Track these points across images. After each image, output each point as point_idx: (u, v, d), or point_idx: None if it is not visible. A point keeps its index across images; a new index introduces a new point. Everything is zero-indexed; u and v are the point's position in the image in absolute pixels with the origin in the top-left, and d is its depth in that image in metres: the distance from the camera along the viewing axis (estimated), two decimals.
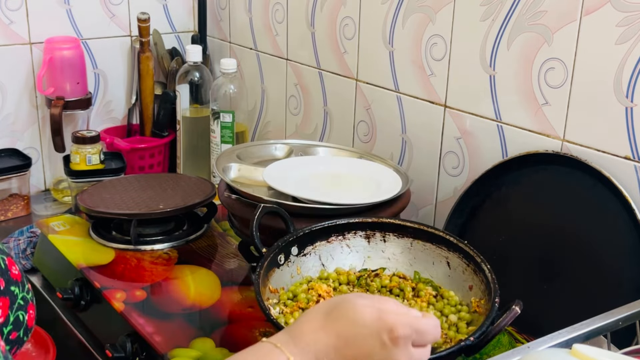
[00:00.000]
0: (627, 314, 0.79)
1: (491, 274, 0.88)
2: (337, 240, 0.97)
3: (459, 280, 0.94)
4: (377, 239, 0.99)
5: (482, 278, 0.90)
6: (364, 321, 0.67)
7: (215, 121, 1.49)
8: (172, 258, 1.18)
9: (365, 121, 1.36)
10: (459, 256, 0.94)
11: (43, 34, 1.55)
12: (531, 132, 1.07)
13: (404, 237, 0.98)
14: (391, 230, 0.99)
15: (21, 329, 0.68)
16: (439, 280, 0.96)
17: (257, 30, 1.59)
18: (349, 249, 0.98)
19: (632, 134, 0.95)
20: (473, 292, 0.91)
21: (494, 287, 0.86)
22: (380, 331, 0.66)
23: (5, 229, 1.42)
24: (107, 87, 1.68)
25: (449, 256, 0.95)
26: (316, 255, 0.97)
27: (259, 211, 0.95)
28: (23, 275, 0.70)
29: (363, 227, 0.98)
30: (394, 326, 0.66)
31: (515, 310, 0.77)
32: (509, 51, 1.07)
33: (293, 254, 0.94)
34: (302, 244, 0.95)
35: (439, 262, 0.96)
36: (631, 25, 0.92)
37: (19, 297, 0.67)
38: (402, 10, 1.23)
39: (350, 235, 0.98)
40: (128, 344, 0.99)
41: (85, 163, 1.44)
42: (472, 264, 0.92)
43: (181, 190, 1.29)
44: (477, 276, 0.91)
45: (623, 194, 0.94)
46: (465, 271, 0.93)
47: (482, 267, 0.90)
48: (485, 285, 0.89)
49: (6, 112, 1.56)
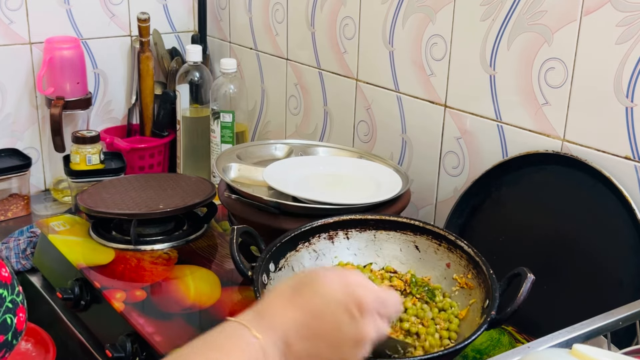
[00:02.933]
0: (627, 314, 0.79)
1: (471, 248, 0.90)
2: (304, 248, 0.96)
3: (432, 261, 0.96)
4: (341, 238, 0.99)
5: (461, 254, 0.91)
6: (332, 295, 0.66)
7: (215, 121, 1.49)
8: (172, 258, 1.18)
9: (365, 121, 1.36)
10: (428, 237, 0.96)
11: (43, 34, 1.55)
12: (531, 132, 1.07)
13: (366, 231, 0.99)
14: (353, 227, 0.99)
15: (9, 333, 0.66)
16: (410, 265, 0.97)
17: (257, 30, 1.59)
18: (316, 254, 0.97)
19: (632, 134, 0.95)
20: (453, 269, 0.93)
21: (480, 259, 0.88)
22: (349, 304, 0.66)
23: (5, 229, 1.42)
24: (107, 87, 1.68)
25: (416, 240, 0.96)
26: (289, 266, 0.95)
27: (234, 234, 0.93)
28: (14, 277, 0.68)
29: (325, 229, 0.98)
30: (362, 298, 0.67)
31: (529, 277, 0.79)
32: (509, 51, 1.07)
33: (272, 271, 0.93)
34: (276, 259, 0.93)
35: (407, 247, 0.97)
36: (631, 25, 0.92)
37: (7, 299, 0.66)
38: (402, 10, 1.23)
39: (315, 240, 0.97)
40: (128, 344, 0.99)
41: (85, 163, 1.44)
42: (444, 242, 0.94)
43: (181, 190, 1.29)
44: (454, 253, 0.93)
45: (623, 194, 0.94)
46: (437, 251, 0.95)
47: (458, 244, 0.92)
48: (466, 260, 0.91)
49: (6, 112, 1.56)
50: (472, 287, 0.90)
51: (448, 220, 1.14)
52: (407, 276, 0.95)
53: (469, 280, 0.90)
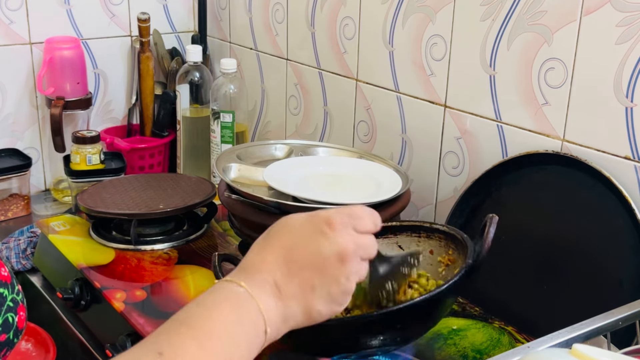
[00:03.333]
0: (627, 314, 0.79)
1: (445, 226, 0.92)
2: None
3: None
4: None
5: (439, 236, 0.92)
6: (300, 225, 0.69)
7: (215, 121, 1.49)
8: (172, 258, 1.18)
9: (365, 121, 1.36)
10: (408, 234, 0.96)
11: (43, 34, 1.55)
12: (531, 132, 1.07)
13: None
14: None
15: (11, 331, 0.67)
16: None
17: (257, 30, 1.59)
18: None
19: (632, 134, 0.95)
20: (436, 254, 0.93)
21: (453, 231, 0.89)
22: (318, 225, 0.68)
23: (5, 229, 1.42)
24: (107, 87, 1.68)
25: (398, 240, 0.96)
26: None
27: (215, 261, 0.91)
28: (13, 276, 0.69)
29: None
30: (328, 215, 0.68)
31: (492, 217, 0.81)
32: (509, 51, 1.08)
33: None
34: None
35: (391, 250, 0.96)
36: (631, 25, 0.92)
37: (8, 298, 0.66)
38: (402, 10, 1.23)
39: None
40: (128, 344, 0.99)
41: (85, 163, 1.44)
42: (422, 232, 0.94)
43: (181, 190, 1.29)
44: (433, 239, 0.93)
45: (623, 194, 0.94)
46: (419, 243, 0.95)
47: (433, 228, 0.93)
48: (444, 240, 0.92)
49: (6, 112, 1.56)
50: (454, 260, 0.90)
51: (448, 220, 1.14)
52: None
53: (451, 256, 0.91)
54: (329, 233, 0.67)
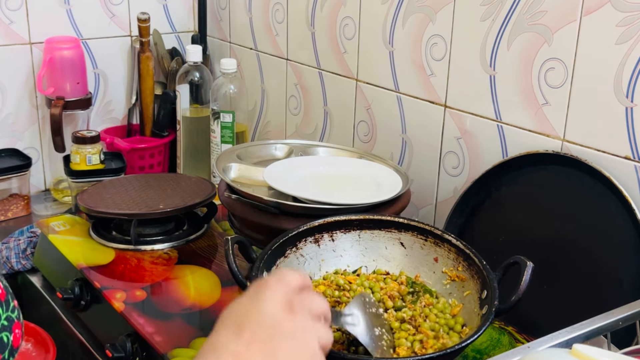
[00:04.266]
0: (627, 314, 0.79)
1: (459, 241, 0.91)
2: (292, 253, 0.96)
3: (419, 257, 0.96)
4: (326, 240, 0.98)
5: (449, 247, 0.92)
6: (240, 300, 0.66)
7: (215, 121, 1.49)
8: (172, 258, 1.18)
9: (365, 121, 1.36)
10: (413, 234, 0.96)
11: (43, 34, 1.55)
12: (531, 132, 1.07)
13: (351, 231, 0.99)
14: (337, 228, 0.99)
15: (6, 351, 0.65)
16: (397, 262, 0.97)
17: (257, 30, 1.59)
18: (303, 258, 0.97)
19: (632, 134, 0.95)
20: (441, 263, 0.93)
21: (470, 251, 0.89)
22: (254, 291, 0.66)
23: (5, 229, 1.42)
24: (107, 87, 1.68)
25: (401, 237, 0.97)
26: None
27: (229, 245, 0.91)
28: (9, 292, 0.66)
29: (311, 232, 0.97)
30: (262, 281, 0.66)
31: (529, 264, 0.80)
32: (509, 51, 1.07)
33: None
34: (268, 267, 0.92)
35: (392, 245, 0.97)
36: (631, 25, 0.92)
37: (2, 317, 0.64)
38: (402, 10, 1.23)
39: (302, 244, 0.96)
40: (128, 344, 0.99)
41: (85, 163, 1.44)
42: (430, 237, 0.94)
43: (181, 190, 1.29)
44: (442, 247, 0.93)
45: (623, 194, 0.94)
46: (423, 246, 0.95)
47: (445, 238, 0.92)
48: (455, 253, 0.91)
49: (6, 112, 1.56)
50: (465, 279, 0.90)
51: (448, 220, 1.14)
52: (402, 278, 0.94)
53: (460, 273, 0.90)
54: (266, 292, 0.65)
